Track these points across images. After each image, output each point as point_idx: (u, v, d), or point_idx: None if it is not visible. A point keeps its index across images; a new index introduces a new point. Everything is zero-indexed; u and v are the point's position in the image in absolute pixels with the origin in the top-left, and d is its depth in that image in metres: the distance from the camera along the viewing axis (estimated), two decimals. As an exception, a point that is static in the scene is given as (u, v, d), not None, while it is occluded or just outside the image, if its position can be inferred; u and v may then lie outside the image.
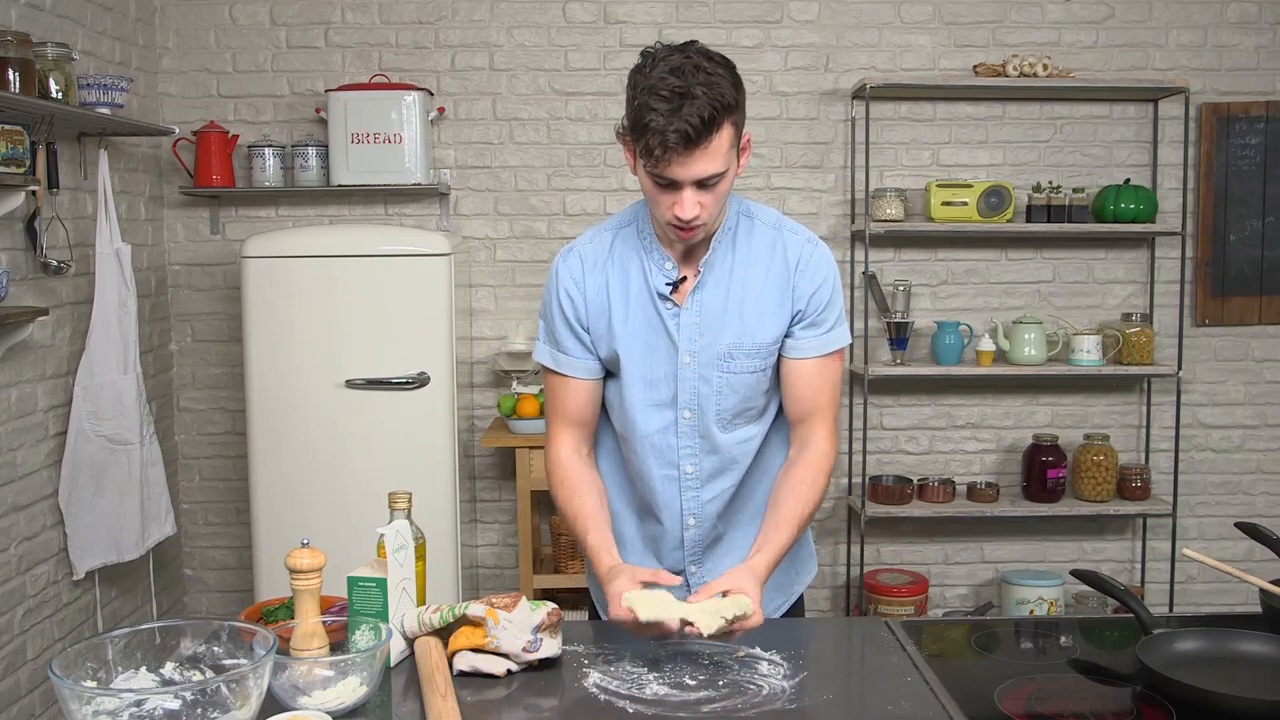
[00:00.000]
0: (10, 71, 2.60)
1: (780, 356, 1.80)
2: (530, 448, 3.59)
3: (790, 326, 1.78)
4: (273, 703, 1.36)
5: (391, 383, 3.35)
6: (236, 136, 3.73)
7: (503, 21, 3.81)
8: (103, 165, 3.18)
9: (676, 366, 1.77)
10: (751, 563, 1.66)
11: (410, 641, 1.60)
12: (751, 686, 1.51)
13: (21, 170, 2.71)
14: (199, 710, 1.24)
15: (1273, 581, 1.73)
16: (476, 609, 1.56)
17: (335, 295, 3.33)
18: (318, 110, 3.73)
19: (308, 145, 3.68)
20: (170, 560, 3.82)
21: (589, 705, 1.47)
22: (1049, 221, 3.76)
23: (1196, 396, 4.00)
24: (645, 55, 1.63)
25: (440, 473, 3.39)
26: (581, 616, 2.46)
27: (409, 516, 1.65)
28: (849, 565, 3.99)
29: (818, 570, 2.07)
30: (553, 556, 3.75)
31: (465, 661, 1.55)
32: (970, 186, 3.72)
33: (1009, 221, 3.74)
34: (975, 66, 3.72)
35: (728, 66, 1.62)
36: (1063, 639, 1.85)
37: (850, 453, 3.96)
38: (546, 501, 3.85)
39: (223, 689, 1.24)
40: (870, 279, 3.87)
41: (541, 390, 3.62)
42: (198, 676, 1.35)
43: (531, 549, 3.67)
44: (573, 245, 1.84)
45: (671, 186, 1.62)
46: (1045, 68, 3.67)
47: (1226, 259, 3.92)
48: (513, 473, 3.81)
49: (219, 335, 3.88)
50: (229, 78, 3.80)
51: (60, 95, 2.84)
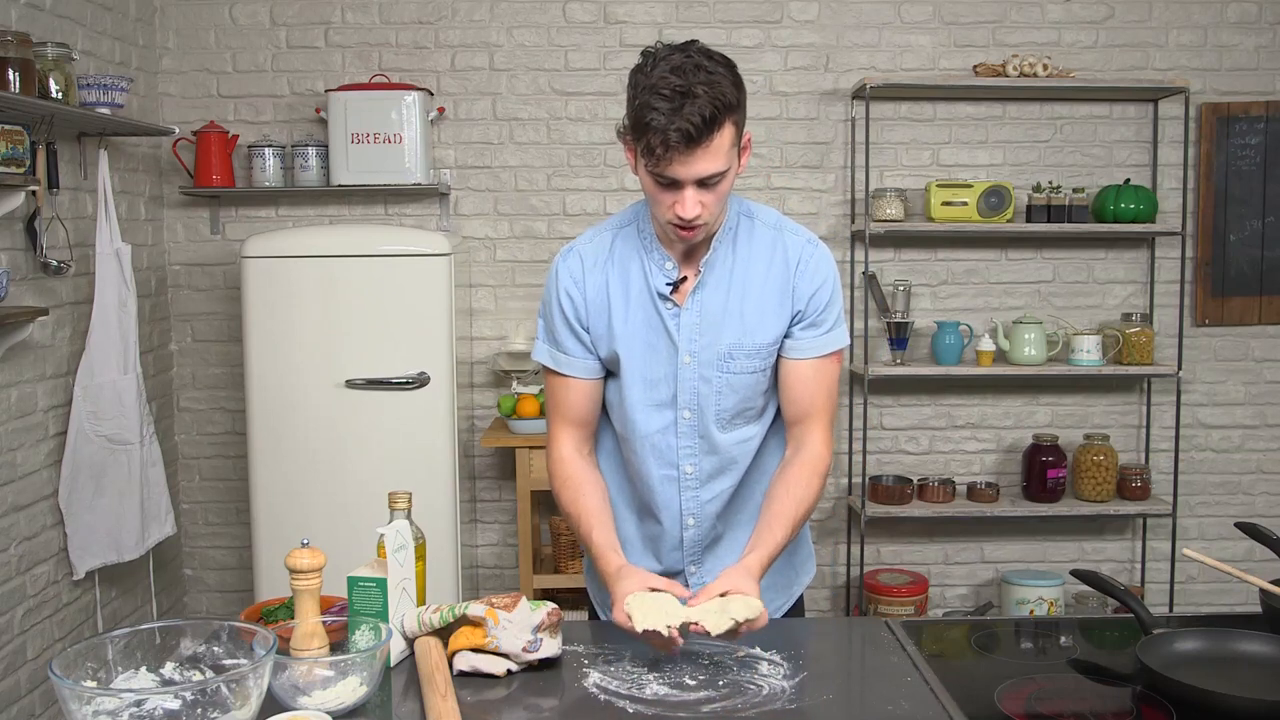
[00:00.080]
0: (10, 71, 2.60)
1: (779, 357, 1.80)
2: (530, 448, 3.59)
3: (790, 327, 1.78)
4: (273, 703, 1.36)
5: (391, 383, 3.35)
6: (236, 136, 3.73)
7: (503, 21, 3.81)
8: (103, 165, 3.18)
9: (676, 366, 1.77)
10: (746, 562, 1.66)
11: (410, 641, 1.61)
12: (751, 686, 1.51)
13: (21, 170, 2.71)
14: (199, 710, 1.24)
15: (1273, 581, 1.73)
16: (476, 609, 1.56)
17: (335, 295, 3.33)
18: (318, 110, 3.73)
19: (308, 145, 3.68)
20: (170, 560, 3.82)
21: (589, 705, 1.47)
22: (1049, 221, 3.76)
23: (1196, 396, 4.00)
24: (646, 55, 1.63)
25: (440, 473, 3.39)
26: (581, 616, 2.46)
27: (409, 516, 1.65)
28: (849, 565, 3.99)
29: (817, 570, 2.07)
30: (553, 556, 3.75)
31: (465, 661, 1.55)
32: (970, 186, 3.72)
33: (1009, 221, 3.75)
34: (975, 66, 3.72)
35: (728, 66, 1.62)
36: (1063, 639, 1.85)
37: (850, 453, 3.96)
38: (546, 501, 3.85)
39: (223, 689, 1.24)
40: (870, 279, 3.87)
41: (541, 390, 3.62)
42: (198, 676, 1.35)
43: (531, 549, 3.67)
44: (573, 245, 1.84)
45: (673, 186, 1.62)
46: (1045, 68, 3.67)
47: (1226, 259, 3.92)
48: (513, 473, 3.81)
49: (219, 335, 3.88)
50: (229, 78, 3.80)
51: (60, 95, 2.84)
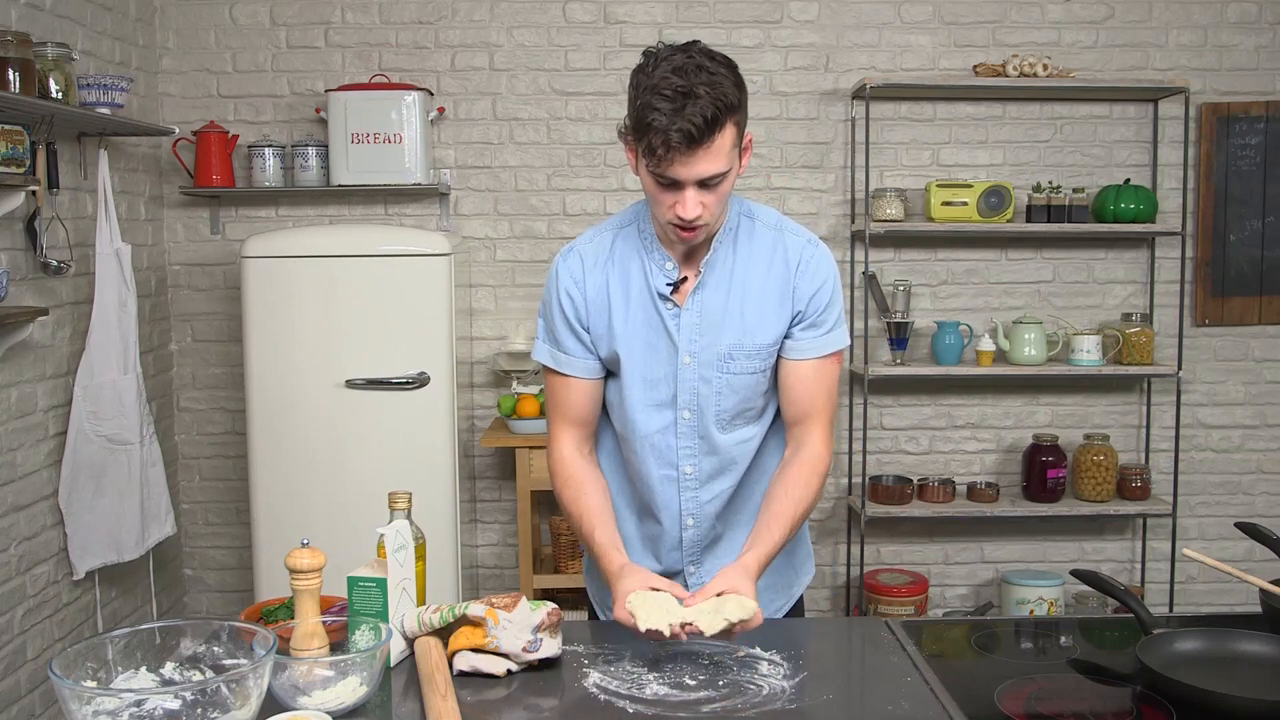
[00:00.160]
0: (10, 71, 2.60)
1: (779, 357, 1.80)
2: (530, 448, 3.59)
3: (790, 327, 1.78)
4: (273, 703, 1.36)
5: (391, 383, 3.35)
6: (236, 136, 3.73)
7: (503, 21, 3.81)
8: (103, 165, 3.18)
9: (676, 367, 1.77)
10: (743, 561, 1.66)
11: (410, 641, 1.60)
12: (751, 686, 1.51)
13: (21, 170, 2.71)
14: (199, 710, 1.24)
15: (1273, 581, 1.73)
16: (476, 609, 1.56)
17: (335, 295, 3.33)
18: (318, 110, 3.73)
19: (308, 145, 3.68)
20: (170, 560, 3.82)
21: (589, 705, 1.47)
22: (1049, 221, 3.76)
23: (1196, 396, 4.00)
24: (647, 55, 1.63)
25: (440, 473, 3.39)
26: (581, 616, 2.46)
27: (409, 516, 1.65)
28: (849, 565, 3.99)
29: (817, 570, 2.07)
30: (553, 556, 3.75)
31: (465, 661, 1.55)
32: (970, 186, 3.72)
33: (1009, 221, 3.74)
34: (975, 66, 3.72)
35: (730, 66, 1.62)
36: (1063, 639, 1.85)
37: (850, 453, 3.96)
38: (546, 501, 3.85)
39: (223, 689, 1.24)
40: (870, 279, 3.87)
41: (541, 390, 3.62)
42: (198, 676, 1.35)
43: (531, 549, 3.67)
44: (573, 245, 1.84)
45: (674, 186, 1.62)
46: (1045, 68, 3.67)
47: (1226, 259, 3.92)
48: (513, 473, 3.81)
49: (219, 335, 3.88)
50: (229, 78, 3.80)
51: (60, 95, 2.84)
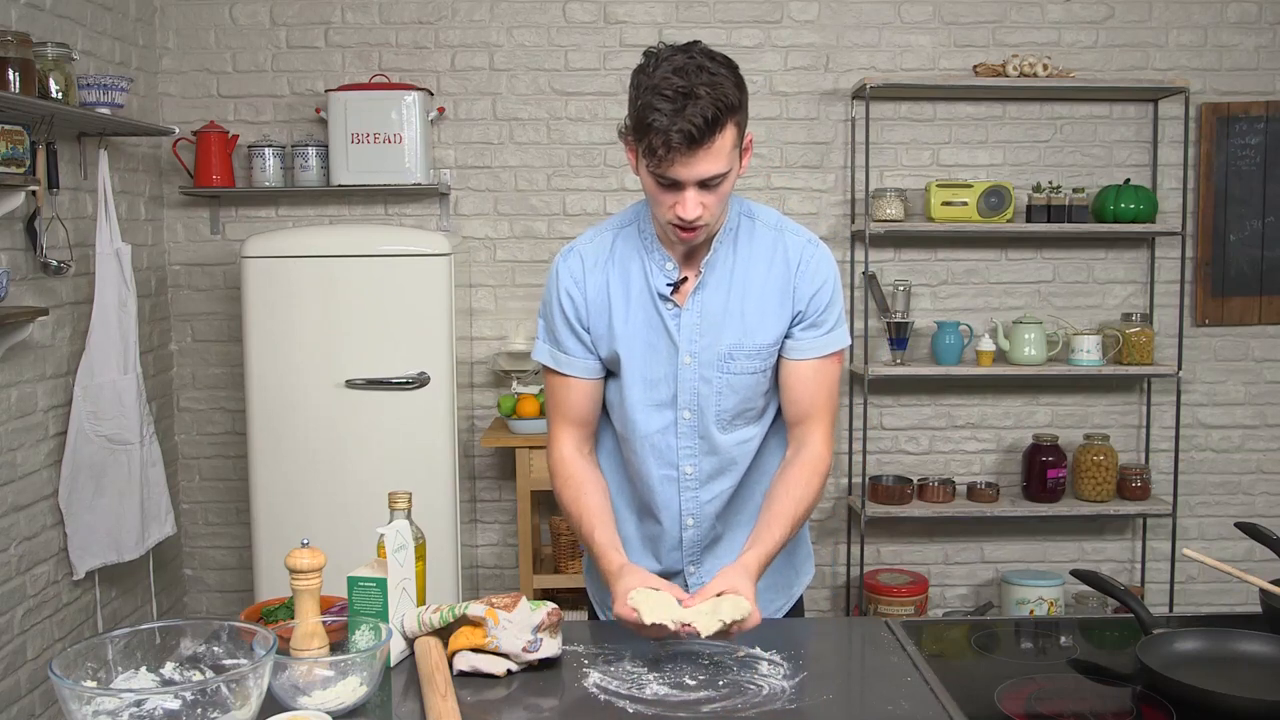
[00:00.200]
0: (10, 71, 2.60)
1: (779, 357, 1.80)
2: (530, 448, 3.59)
3: (790, 328, 1.78)
4: (273, 703, 1.36)
5: (391, 383, 3.35)
6: (236, 136, 3.72)
7: (503, 21, 3.81)
8: (103, 165, 3.18)
9: (677, 367, 1.77)
10: (744, 560, 1.66)
11: (410, 641, 1.60)
12: (751, 686, 1.51)
13: (21, 170, 2.70)
14: (199, 710, 1.24)
15: (1273, 581, 1.73)
16: (476, 609, 1.56)
17: (335, 295, 3.33)
18: (318, 110, 3.73)
19: (308, 145, 3.68)
20: (170, 560, 3.82)
21: (589, 705, 1.47)
22: (1049, 221, 3.76)
23: (1196, 396, 4.00)
24: (648, 55, 1.63)
25: (440, 473, 3.39)
26: (581, 616, 2.46)
27: (409, 516, 1.65)
28: (849, 565, 3.99)
29: (817, 570, 2.07)
30: (553, 556, 3.75)
31: (465, 661, 1.55)
32: (970, 186, 3.72)
33: (1009, 221, 3.74)
34: (975, 66, 3.72)
35: (731, 67, 1.62)
36: (1063, 639, 1.85)
37: (850, 453, 3.96)
38: (546, 501, 3.85)
39: (223, 689, 1.24)
40: (870, 279, 3.87)
41: (542, 390, 3.62)
42: (198, 676, 1.35)
43: (531, 549, 3.67)
44: (573, 245, 1.84)
45: (674, 186, 1.62)
46: (1045, 68, 3.67)
47: (1226, 259, 3.92)
48: (513, 473, 3.81)
49: (219, 335, 3.88)
50: (229, 78, 3.80)
51: (60, 95, 2.84)
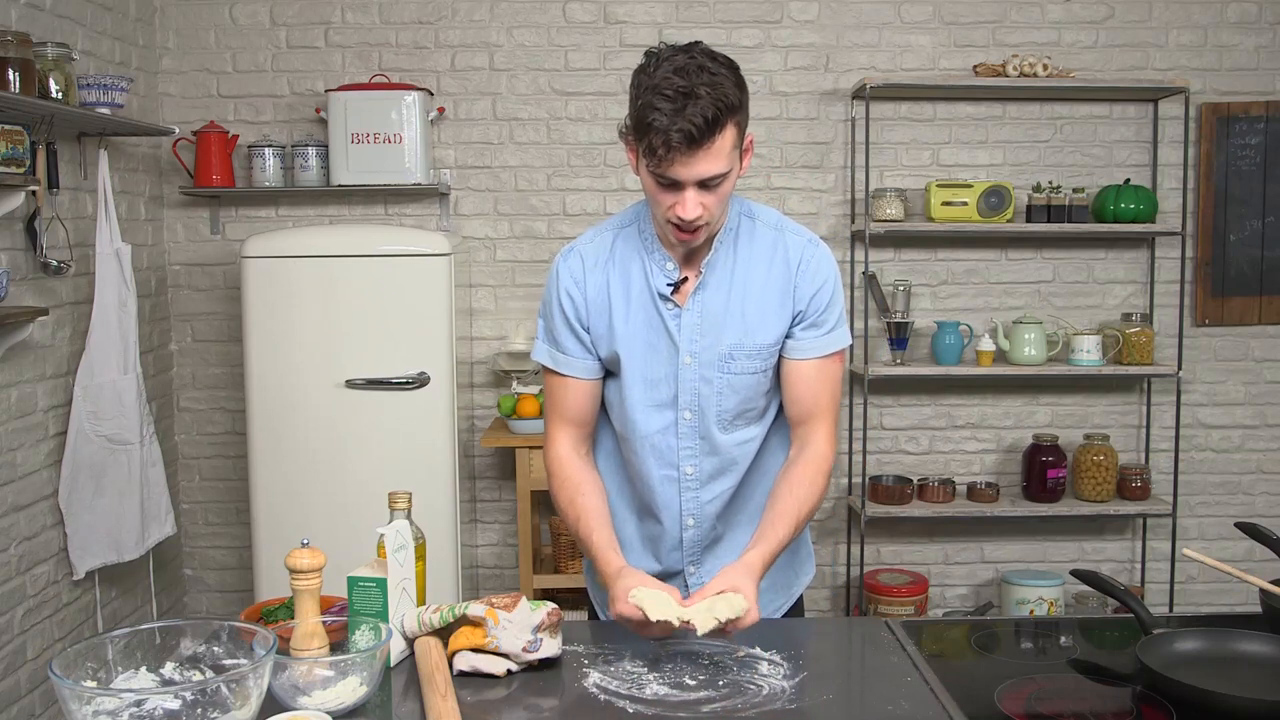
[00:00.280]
0: (10, 71, 2.60)
1: (780, 357, 1.80)
2: (530, 448, 3.59)
3: (791, 327, 1.78)
4: (273, 703, 1.36)
5: (391, 383, 3.34)
6: (236, 136, 3.72)
7: (503, 21, 3.81)
8: (103, 165, 3.17)
9: (677, 367, 1.77)
10: (746, 559, 1.66)
11: (410, 641, 1.60)
12: (751, 686, 1.51)
13: (21, 170, 2.70)
14: (199, 710, 1.24)
15: (1273, 581, 1.73)
16: (476, 609, 1.56)
17: (335, 295, 3.33)
18: (318, 110, 3.73)
19: (308, 145, 3.68)
20: (170, 560, 3.82)
21: (589, 705, 1.47)
22: (1049, 221, 3.76)
23: (1196, 396, 4.00)
24: (649, 55, 1.63)
25: (440, 473, 3.39)
26: (581, 616, 2.46)
27: (409, 516, 1.65)
28: (849, 565, 3.99)
29: (817, 570, 2.07)
30: (553, 556, 3.75)
31: (465, 661, 1.55)
32: (970, 186, 3.72)
33: (1009, 221, 3.74)
34: (975, 66, 3.72)
35: (731, 67, 1.62)
36: (1063, 639, 1.85)
37: (850, 453, 3.96)
38: (546, 501, 3.85)
39: (223, 689, 1.24)
40: (870, 279, 3.87)
41: (541, 390, 3.61)
42: (198, 676, 1.35)
43: (531, 549, 3.67)
44: (573, 245, 1.84)
45: (674, 186, 1.62)
46: (1045, 68, 3.67)
47: (1226, 259, 3.92)
48: (513, 473, 3.81)
49: (219, 335, 3.88)
50: (229, 78, 3.80)
51: (60, 95, 2.84)
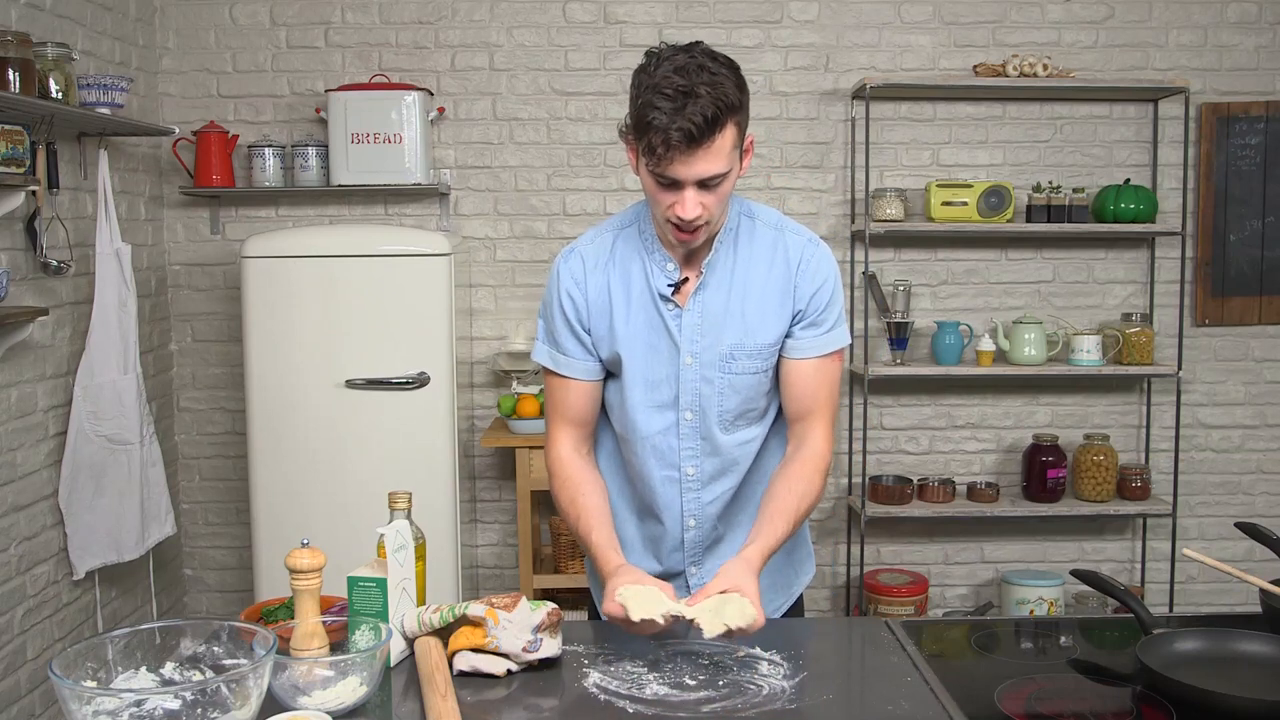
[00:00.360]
0: (10, 71, 2.60)
1: (780, 356, 1.80)
2: (530, 448, 3.59)
3: (790, 327, 1.78)
4: (273, 703, 1.36)
5: (391, 383, 3.34)
6: (236, 136, 3.72)
7: (503, 21, 3.81)
8: (103, 165, 3.17)
9: (678, 368, 1.77)
10: (746, 555, 1.66)
11: (410, 641, 1.60)
12: (751, 686, 1.51)
13: (21, 170, 2.70)
14: (199, 710, 1.23)
15: (1273, 581, 1.73)
16: (476, 609, 1.56)
17: (335, 295, 3.33)
18: (318, 110, 3.73)
19: (308, 145, 3.68)
20: (170, 560, 3.82)
21: (589, 705, 1.47)
22: (1049, 221, 3.76)
23: (1196, 396, 4.00)
24: (650, 54, 1.63)
25: (440, 473, 3.39)
26: (581, 616, 2.46)
27: (409, 516, 1.65)
28: (849, 565, 3.99)
29: (817, 570, 2.07)
30: (553, 556, 3.75)
31: (465, 661, 1.55)
32: (970, 186, 3.72)
33: (1009, 221, 3.74)
34: (975, 66, 3.72)
35: (732, 67, 1.62)
36: (1063, 639, 1.85)
37: (850, 453, 3.96)
38: (546, 501, 3.85)
39: (223, 689, 1.24)
40: (870, 279, 3.87)
41: (542, 390, 3.62)
42: (198, 676, 1.35)
43: (531, 549, 3.67)
44: (574, 246, 1.84)
45: (673, 186, 1.62)
46: (1045, 68, 3.67)
47: (1226, 259, 3.92)
48: (513, 473, 3.81)
49: (219, 335, 3.88)
50: (229, 78, 3.80)
51: (60, 95, 2.84)
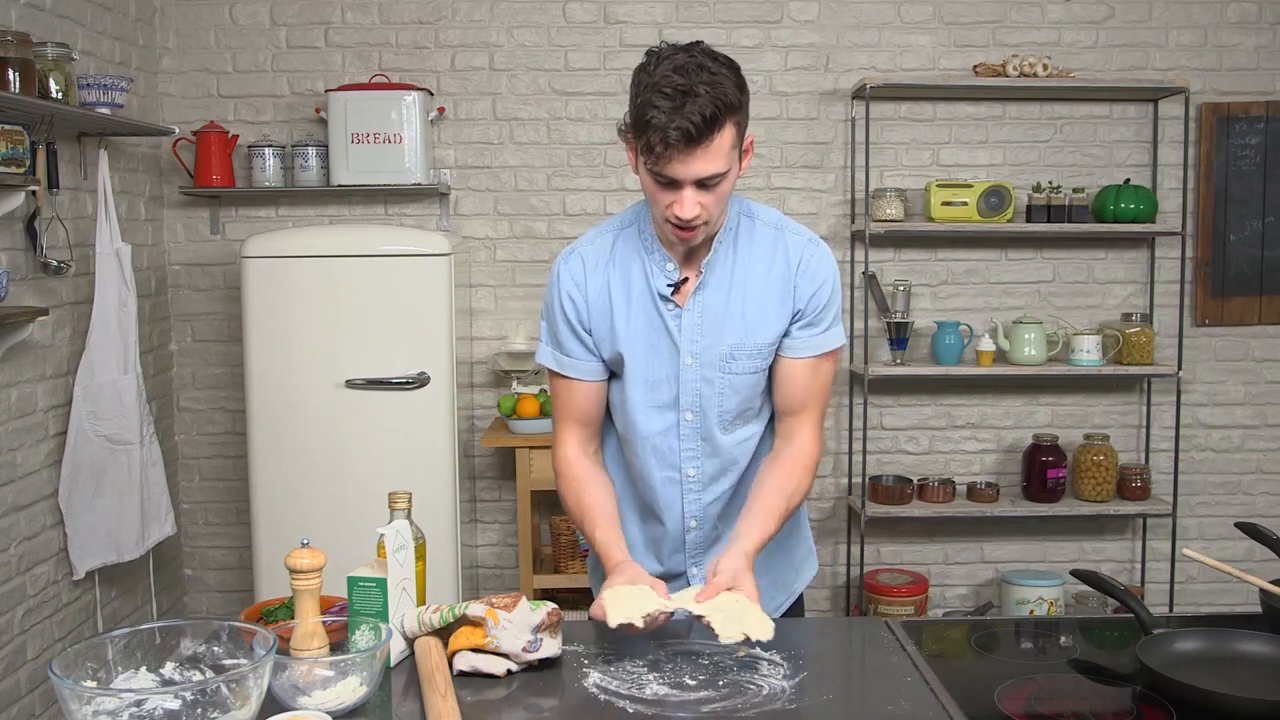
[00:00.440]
0: (10, 71, 2.60)
1: (775, 354, 1.80)
2: (530, 448, 3.59)
3: (788, 325, 1.78)
4: (273, 703, 1.36)
5: (391, 383, 3.34)
6: (236, 136, 3.72)
7: (503, 21, 3.81)
8: (103, 165, 3.17)
9: (678, 368, 1.77)
10: (743, 549, 1.66)
11: (410, 641, 1.60)
12: (751, 686, 1.51)
13: (21, 170, 2.71)
14: (199, 710, 1.23)
15: (1273, 581, 1.73)
16: (476, 609, 1.56)
17: (335, 295, 3.33)
18: (318, 110, 3.73)
19: (308, 145, 3.68)
20: (170, 560, 3.82)
21: (589, 705, 1.47)
22: (1049, 221, 3.76)
23: (1196, 396, 4.00)
24: (650, 54, 1.63)
25: (440, 473, 3.39)
26: (581, 616, 2.45)
27: (409, 516, 1.65)
28: (849, 565, 3.98)
29: (818, 570, 2.07)
30: (553, 556, 3.75)
31: (465, 661, 1.55)
32: (970, 186, 3.72)
33: (1009, 221, 3.74)
34: (975, 66, 3.72)
35: (732, 67, 1.62)
36: (1063, 639, 1.85)
37: (850, 453, 3.96)
38: (546, 501, 3.85)
39: (223, 689, 1.24)
40: (870, 279, 3.87)
41: (542, 390, 3.62)
42: (198, 676, 1.35)
43: (531, 549, 3.67)
44: (574, 246, 1.84)
45: (672, 185, 1.62)
46: (1045, 68, 3.67)
47: (1226, 259, 3.92)
48: (513, 473, 3.81)
49: (219, 335, 3.88)
50: (229, 78, 3.80)
51: (60, 95, 2.84)
